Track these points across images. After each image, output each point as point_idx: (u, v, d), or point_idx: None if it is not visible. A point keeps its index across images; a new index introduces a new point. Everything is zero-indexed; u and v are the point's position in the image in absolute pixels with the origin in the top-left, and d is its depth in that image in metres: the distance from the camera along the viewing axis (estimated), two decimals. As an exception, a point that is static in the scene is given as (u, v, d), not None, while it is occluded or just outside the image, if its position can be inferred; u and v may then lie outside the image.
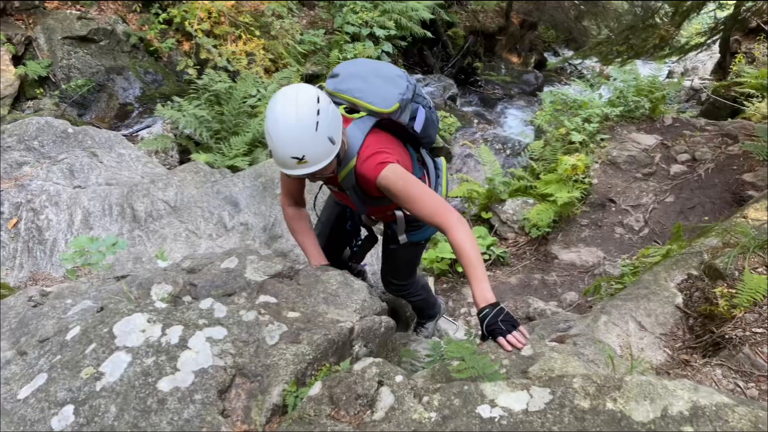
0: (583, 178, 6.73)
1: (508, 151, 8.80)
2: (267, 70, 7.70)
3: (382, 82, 2.11)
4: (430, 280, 6.17)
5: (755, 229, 3.06)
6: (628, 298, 2.91)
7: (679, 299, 2.87)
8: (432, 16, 11.02)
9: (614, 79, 8.51)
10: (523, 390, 1.24)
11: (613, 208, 6.70)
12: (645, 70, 12.03)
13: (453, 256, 5.97)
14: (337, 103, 2.10)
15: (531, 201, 6.82)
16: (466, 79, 12.52)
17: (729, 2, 10.08)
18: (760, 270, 2.78)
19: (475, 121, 9.47)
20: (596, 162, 7.20)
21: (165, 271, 2.03)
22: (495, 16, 14.37)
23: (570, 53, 15.43)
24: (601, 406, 1.16)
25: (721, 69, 12.95)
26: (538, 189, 6.76)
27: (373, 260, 3.65)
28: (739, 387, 2.32)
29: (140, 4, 7.33)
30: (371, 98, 2.08)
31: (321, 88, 2.08)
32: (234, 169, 4.87)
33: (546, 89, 12.31)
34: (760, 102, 9.16)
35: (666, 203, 6.83)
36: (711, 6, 10.56)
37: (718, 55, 13.27)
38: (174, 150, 5.87)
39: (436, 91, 10.32)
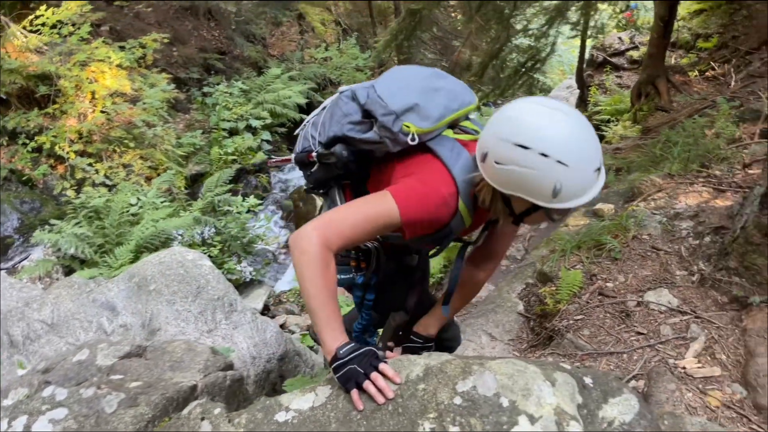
0: (464, 220, 7.22)
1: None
2: (148, 178, 7.87)
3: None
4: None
5: (574, 234, 3.53)
6: (479, 314, 3.25)
7: (521, 306, 3.24)
8: (307, 100, 11.63)
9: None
10: (311, 392, 1.49)
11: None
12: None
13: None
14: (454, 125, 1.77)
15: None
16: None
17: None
18: (577, 267, 3.21)
19: (362, 188, 9.92)
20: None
21: (22, 377, 2.16)
22: (371, 86, 15.26)
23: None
24: (367, 388, 1.44)
25: (582, 102, 14.19)
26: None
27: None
28: (566, 367, 2.67)
29: (6, 138, 7.39)
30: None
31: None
32: (120, 278, 4.96)
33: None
34: (615, 125, 10.22)
35: (541, 230, 7.39)
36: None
37: (578, 90, 14.62)
38: (58, 272, 5.86)
39: (322, 168, 10.76)
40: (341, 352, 1.40)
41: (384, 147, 1.68)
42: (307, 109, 11.63)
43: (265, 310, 6.55)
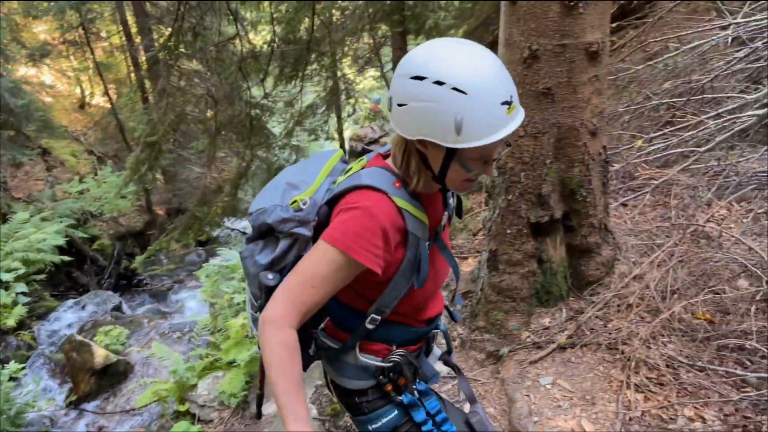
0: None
1: (187, 336, 8.82)
2: None
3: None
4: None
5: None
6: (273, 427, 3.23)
7: (314, 411, 3.30)
8: (66, 239, 10.75)
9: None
10: None
11: (298, 343, 7.18)
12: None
13: None
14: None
15: (221, 373, 6.91)
16: (129, 283, 12.32)
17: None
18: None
19: (146, 320, 9.32)
20: (264, 311, 7.71)
21: None
22: (137, 215, 14.60)
23: (238, 221, 15.91)
24: None
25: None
26: (223, 359, 6.93)
27: None
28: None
29: None
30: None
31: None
32: None
33: (211, 262, 12.82)
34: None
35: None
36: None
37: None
38: None
39: (97, 309, 9.91)
40: None
41: (302, 238, 1.50)
42: (68, 248, 10.73)
43: (50, 486, 5.68)
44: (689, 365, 2.98)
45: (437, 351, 1.85)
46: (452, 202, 1.68)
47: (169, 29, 6.94)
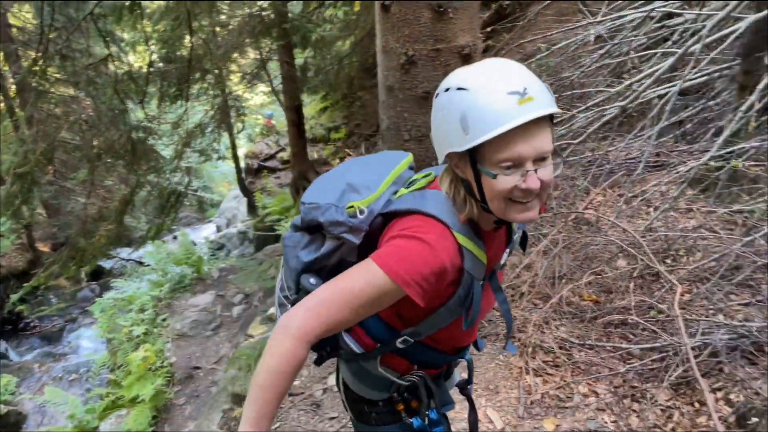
0: (161, 363, 6.82)
1: (85, 376, 8.30)
2: None
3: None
4: None
5: (256, 345, 3.66)
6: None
7: (221, 437, 3.22)
8: (-62, 287, 9.80)
9: (147, 265, 8.99)
10: None
11: (202, 373, 6.96)
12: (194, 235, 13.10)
13: None
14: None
15: (125, 411, 6.55)
16: (15, 327, 11.41)
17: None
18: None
19: (36, 365, 8.69)
20: (167, 342, 7.39)
21: None
22: (18, 254, 13.54)
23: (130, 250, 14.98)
24: None
25: (252, 208, 14.87)
26: (125, 396, 6.57)
27: None
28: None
29: None
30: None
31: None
32: None
33: (106, 296, 12.09)
34: (286, 222, 10.92)
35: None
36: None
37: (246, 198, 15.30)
38: None
39: (-21, 359, 9.12)
40: None
41: (349, 244, 1.41)
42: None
43: None
44: (580, 345, 3.16)
45: (456, 377, 1.79)
46: (517, 237, 1.55)
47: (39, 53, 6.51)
